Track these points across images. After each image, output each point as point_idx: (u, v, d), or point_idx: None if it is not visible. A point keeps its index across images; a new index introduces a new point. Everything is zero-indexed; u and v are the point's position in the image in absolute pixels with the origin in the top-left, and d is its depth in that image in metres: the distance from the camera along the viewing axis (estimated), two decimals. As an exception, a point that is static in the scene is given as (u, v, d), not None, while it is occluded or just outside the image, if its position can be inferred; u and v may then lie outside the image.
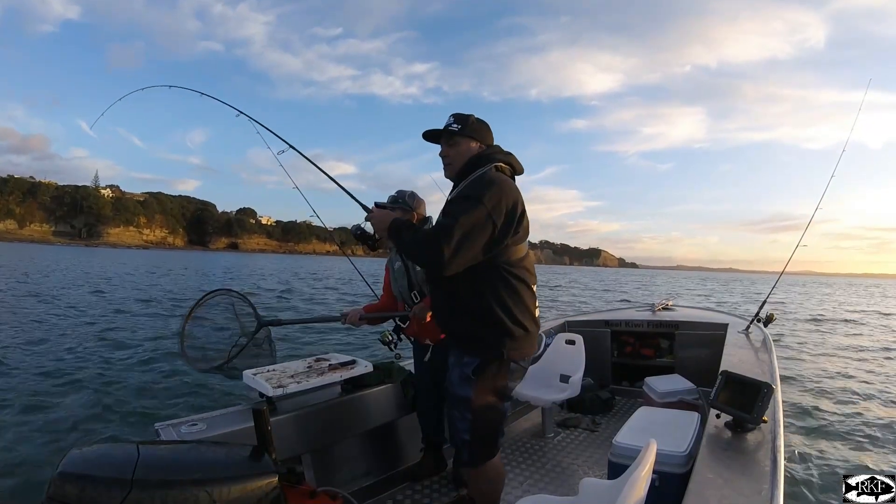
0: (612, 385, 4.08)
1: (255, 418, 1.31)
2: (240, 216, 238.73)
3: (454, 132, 1.74)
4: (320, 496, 1.49)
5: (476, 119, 1.79)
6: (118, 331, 9.50)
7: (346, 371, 2.39)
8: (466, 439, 1.69)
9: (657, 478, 1.59)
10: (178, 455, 1.26)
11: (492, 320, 1.64)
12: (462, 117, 1.77)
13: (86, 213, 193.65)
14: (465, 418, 1.68)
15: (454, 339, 1.76)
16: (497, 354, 1.65)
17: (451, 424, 1.74)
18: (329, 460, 2.37)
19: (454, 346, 1.77)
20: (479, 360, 1.66)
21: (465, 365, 1.67)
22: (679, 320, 3.99)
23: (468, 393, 1.67)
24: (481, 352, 1.66)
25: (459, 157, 1.75)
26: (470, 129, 1.75)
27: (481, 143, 1.77)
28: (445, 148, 1.77)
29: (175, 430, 1.85)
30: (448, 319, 1.74)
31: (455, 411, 1.71)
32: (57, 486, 1.02)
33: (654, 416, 2.26)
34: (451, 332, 1.76)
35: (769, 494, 1.28)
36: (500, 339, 1.64)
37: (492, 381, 1.67)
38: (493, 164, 1.71)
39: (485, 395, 1.67)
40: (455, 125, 1.75)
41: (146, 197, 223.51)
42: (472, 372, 1.66)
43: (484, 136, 1.78)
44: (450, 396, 1.74)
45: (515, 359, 1.69)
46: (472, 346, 1.68)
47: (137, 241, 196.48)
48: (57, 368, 6.35)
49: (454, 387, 1.71)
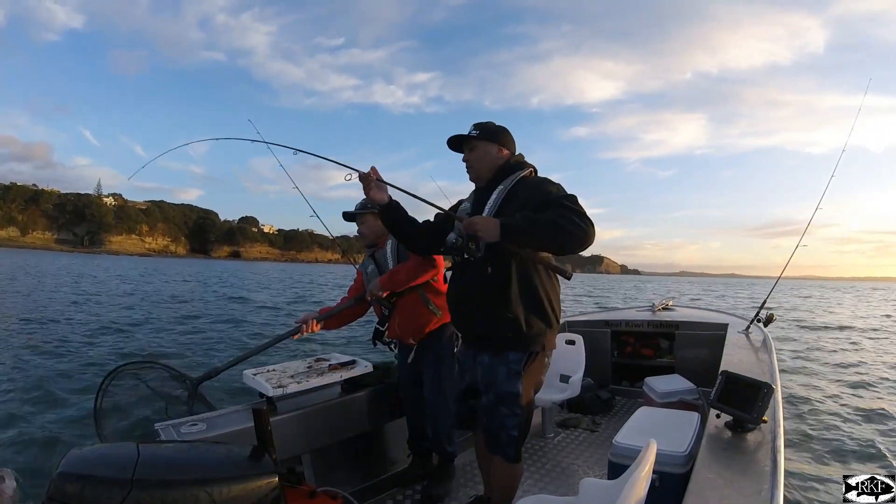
0: (612, 385, 4.07)
1: (255, 418, 1.31)
2: (242, 224, 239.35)
3: (472, 137, 1.85)
4: (320, 496, 1.49)
5: (495, 124, 1.89)
6: (119, 331, 9.52)
7: (346, 371, 2.39)
8: (515, 435, 1.74)
9: (657, 478, 1.59)
10: (178, 455, 1.26)
11: (541, 312, 1.71)
12: (481, 124, 1.88)
13: (88, 220, 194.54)
14: (514, 414, 1.72)
15: (496, 335, 1.74)
16: (539, 348, 1.73)
17: (497, 422, 1.74)
18: (329, 460, 2.37)
19: (493, 342, 1.76)
20: (525, 354, 1.72)
21: (512, 361, 1.72)
22: (679, 320, 3.99)
23: (518, 388, 1.72)
24: (526, 346, 1.72)
25: (480, 160, 1.84)
26: (488, 133, 1.85)
27: (502, 146, 1.86)
28: (467, 153, 1.88)
29: (175, 430, 1.85)
30: (494, 316, 1.72)
31: (503, 408, 1.73)
32: (57, 485, 1.02)
33: (654, 416, 2.26)
34: (494, 327, 1.73)
35: (769, 494, 1.28)
36: (543, 332, 1.73)
37: (534, 375, 1.76)
38: (528, 170, 1.82)
39: (529, 390, 1.75)
40: (474, 131, 1.86)
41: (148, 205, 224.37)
42: (522, 367, 1.71)
43: (505, 141, 1.87)
44: (496, 394, 1.73)
45: (549, 351, 1.78)
46: (519, 341, 1.71)
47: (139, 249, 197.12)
48: (57, 368, 6.36)
49: (501, 384, 1.72)
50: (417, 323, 2.36)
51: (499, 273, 1.69)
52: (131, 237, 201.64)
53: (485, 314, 1.75)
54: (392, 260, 2.38)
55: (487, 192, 1.81)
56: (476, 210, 1.83)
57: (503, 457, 1.78)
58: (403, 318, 2.39)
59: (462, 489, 2.47)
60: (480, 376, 1.81)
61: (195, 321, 11.40)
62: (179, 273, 41.04)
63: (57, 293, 16.71)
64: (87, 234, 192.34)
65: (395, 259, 2.38)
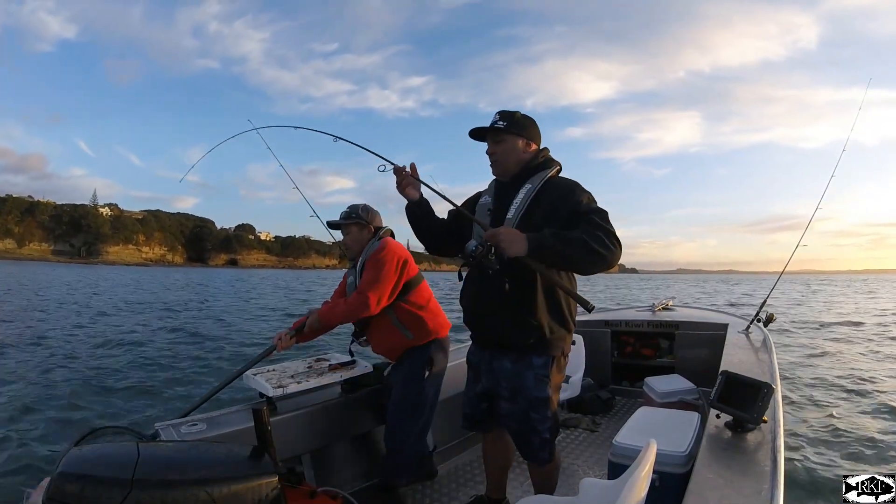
0: (612, 385, 4.07)
1: (255, 418, 1.31)
2: (238, 232, 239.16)
3: (500, 129, 1.72)
4: (320, 496, 1.49)
5: (522, 115, 1.77)
6: (117, 331, 9.51)
7: (346, 371, 2.39)
8: (547, 438, 1.76)
9: (657, 478, 1.59)
10: (178, 455, 1.26)
11: (561, 318, 1.71)
12: (507, 114, 1.74)
13: (85, 231, 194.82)
14: (546, 418, 1.74)
15: (519, 341, 1.71)
16: (561, 351, 1.74)
17: (529, 427, 1.74)
18: (329, 460, 2.37)
19: (515, 348, 1.73)
20: (549, 358, 1.72)
21: (538, 367, 1.71)
22: (679, 320, 3.99)
23: (547, 393, 1.72)
24: (550, 350, 1.72)
25: (505, 154, 1.74)
26: (516, 125, 1.73)
27: (529, 140, 1.76)
28: (492, 146, 1.76)
29: (175, 430, 1.85)
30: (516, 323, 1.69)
31: (534, 414, 1.73)
32: (57, 485, 1.01)
33: (654, 416, 2.26)
34: (517, 333, 1.70)
35: (769, 494, 1.27)
36: (565, 336, 1.73)
37: (558, 378, 1.76)
38: (555, 168, 1.76)
39: (555, 392, 1.76)
40: (500, 122, 1.73)
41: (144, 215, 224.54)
42: (548, 371, 1.72)
43: (532, 134, 1.77)
44: (527, 401, 1.73)
45: (567, 354, 1.78)
46: (541, 346, 1.71)
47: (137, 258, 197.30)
48: (56, 369, 6.36)
49: (530, 391, 1.72)
50: (389, 343, 2.34)
51: (521, 282, 1.64)
52: (128, 247, 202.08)
53: (506, 321, 1.70)
54: (358, 277, 2.29)
55: (513, 190, 1.73)
56: (499, 207, 1.75)
57: (537, 462, 1.80)
58: (376, 338, 2.37)
59: (462, 489, 2.46)
60: (503, 382, 1.77)
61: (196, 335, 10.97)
62: (178, 281, 40.93)
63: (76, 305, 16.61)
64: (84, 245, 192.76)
65: (358, 276, 2.29)
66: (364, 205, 2.40)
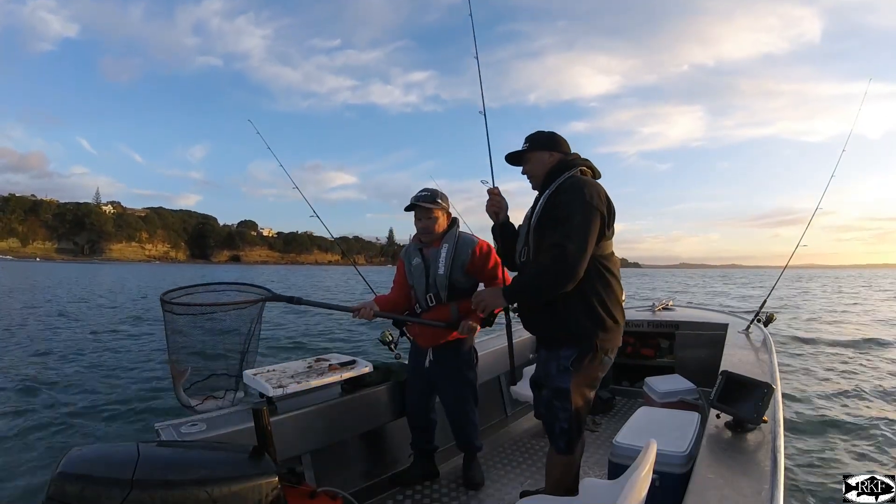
0: (612, 385, 4.06)
1: (255, 418, 1.31)
2: (241, 229, 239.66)
3: (524, 151, 1.94)
4: (320, 496, 1.49)
5: (544, 133, 1.97)
6: (117, 331, 9.52)
7: (346, 371, 2.39)
8: (566, 428, 1.80)
9: (657, 478, 1.59)
10: (178, 455, 1.26)
11: (589, 312, 1.76)
12: (530, 137, 1.96)
13: (88, 229, 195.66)
14: (565, 408, 1.79)
15: (549, 334, 1.86)
16: (591, 346, 1.77)
17: (552, 415, 1.83)
18: (329, 460, 2.37)
19: (548, 340, 1.87)
20: (576, 352, 1.77)
21: (563, 357, 1.79)
22: (679, 320, 3.99)
23: (567, 384, 1.78)
24: (578, 344, 1.77)
25: (534, 169, 1.93)
26: (537, 143, 1.93)
27: (553, 151, 1.92)
28: (525, 167, 1.97)
29: (175, 430, 1.84)
30: (545, 314, 1.82)
31: (556, 402, 1.81)
32: (57, 486, 1.02)
33: (654, 416, 2.26)
34: (547, 326, 1.85)
35: (769, 494, 1.28)
36: (595, 331, 1.76)
37: (586, 372, 1.79)
38: (577, 168, 1.86)
39: (581, 386, 1.79)
40: (525, 145, 1.95)
41: (147, 212, 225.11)
42: (571, 364, 1.77)
43: (555, 145, 1.93)
44: (551, 389, 1.83)
45: (607, 350, 1.81)
46: (570, 339, 1.78)
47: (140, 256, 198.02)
48: (57, 368, 6.36)
49: (553, 379, 1.82)
50: (436, 330, 2.36)
51: None
52: (131, 245, 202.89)
53: (539, 313, 1.86)
54: (444, 266, 2.32)
55: (539, 197, 1.90)
56: (531, 214, 1.91)
57: (555, 448, 1.86)
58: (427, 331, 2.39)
59: (462, 489, 2.47)
60: (540, 369, 1.94)
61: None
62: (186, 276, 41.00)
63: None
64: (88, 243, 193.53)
65: (447, 267, 2.32)
66: (442, 193, 2.41)
